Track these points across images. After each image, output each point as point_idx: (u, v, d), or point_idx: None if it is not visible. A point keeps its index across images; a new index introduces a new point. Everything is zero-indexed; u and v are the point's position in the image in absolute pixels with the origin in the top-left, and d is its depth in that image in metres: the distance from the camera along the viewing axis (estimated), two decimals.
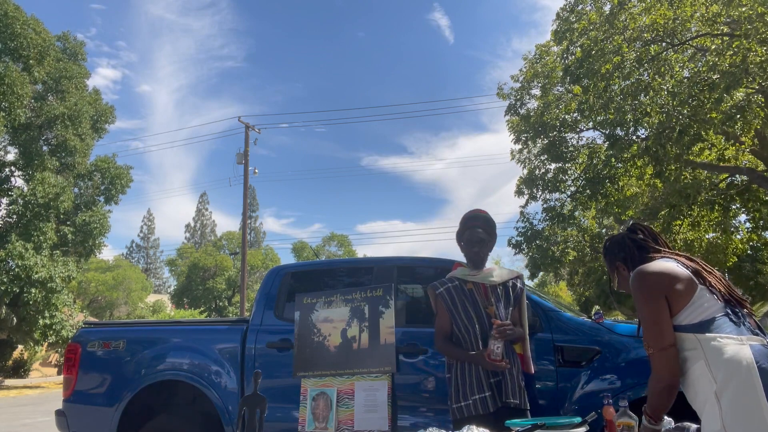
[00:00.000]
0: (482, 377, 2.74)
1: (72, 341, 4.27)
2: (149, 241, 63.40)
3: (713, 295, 1.80)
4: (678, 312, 1.79)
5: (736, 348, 1.68)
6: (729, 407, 1.61)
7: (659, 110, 11.06)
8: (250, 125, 24.34)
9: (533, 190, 16.75)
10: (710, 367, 1.69)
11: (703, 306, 1.77)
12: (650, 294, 1.83)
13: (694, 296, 1.78)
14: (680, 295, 1.79)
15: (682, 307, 1.78)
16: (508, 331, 2.68)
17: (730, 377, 1.63)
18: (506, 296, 2.91)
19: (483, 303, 2.87)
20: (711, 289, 1.81)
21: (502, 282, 2.94)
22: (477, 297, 2.89)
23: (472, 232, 2.97)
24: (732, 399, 1.61)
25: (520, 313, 2.96)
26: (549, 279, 36.55)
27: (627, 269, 2.11)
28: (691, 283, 1.80)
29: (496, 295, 2.90)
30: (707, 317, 1.75)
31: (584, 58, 11.63)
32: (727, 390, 1.62)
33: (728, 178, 14.11)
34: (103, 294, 34.72)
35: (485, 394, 2.73)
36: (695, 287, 1.79)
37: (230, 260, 38.55)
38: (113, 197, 20.19)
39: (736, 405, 1.60)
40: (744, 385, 1.61)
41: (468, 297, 2.90)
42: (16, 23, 17.44)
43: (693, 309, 1.77)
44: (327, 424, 3.10)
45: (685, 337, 1.76)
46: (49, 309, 17.55)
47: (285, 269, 4.19)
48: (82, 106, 18.86)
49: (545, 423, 2.13)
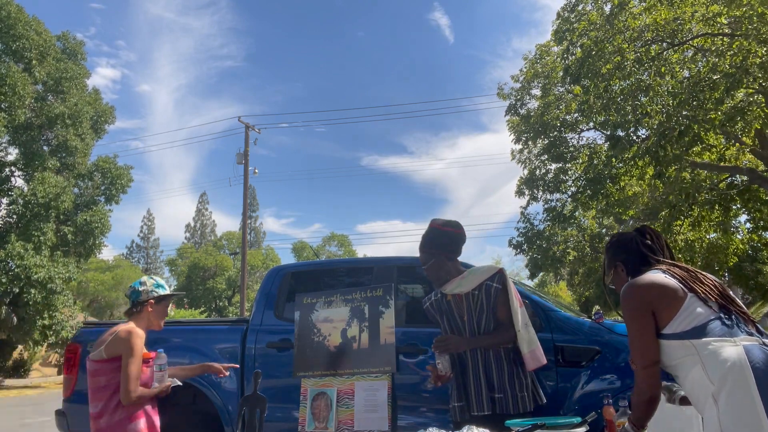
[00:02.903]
0: (482, 383, 2.74)
1: (72, 341, 4.27)
2: (149, 241, 63.41)
3: (704, 301, 1.83)
4: (668, 322, 1.83)
5: (730, 349, 1.71)
6: (725, 407, 1.63)
7: (659, 111, 11.07)
8: (250, 125, 24.35)
9: (534, 190, 16.76)
10: (706, 370, 1.72)
11: (694, 313, 1.80)
12: (636, 311, 1.88)
13: (683, 305, 1.82)
14: (668, 306, 1.84)
15: (671, 317, 1.82)
16: (444, 344, 2.75)
17: (725, 378, 1.66)
18: (485, 299, 2.82)
19: (459, 313, 2.87)
20: (701, 296, 1.84)
21: (477, 286, 2.84)
22: (454, 307, 2.89)
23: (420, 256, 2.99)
24: (727, 399, 1.63)
25: (506, 310, 2.79)
26: (549, 279, 36.56)
27: (624, 271, 2.12)
28: (679, 293, 1.84)
29: (468, 302, 2.84)
30: (699, 323, 1.79)
31: (584, 58, 11.63)
32: (723, 390, 1.65)
33: (728, 178, 14.11)
34: (103, 294, 34.75)
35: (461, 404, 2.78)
36: (684, 296, 1.83)
37: (230, 260, 38.59)
38: (113, 197, 20.19)
39: (731, 405, 1.63)
40: (738, 385, 1.64)
41: (446, 309, 2.92)
42: (19, 24, 17.46)
43: (684, 317, 1.81)
44: (327, 424, 3.10)
45: (680, 344, 1.79)
46: (49, 309, 17.54)
47: (285, 269, 4.19)
48: (82, 106, 18.88)
49: (545, 423, 2.13)
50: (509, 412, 2.67)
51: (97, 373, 2.61)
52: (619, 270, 2.15)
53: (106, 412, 2.56)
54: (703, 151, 12.50)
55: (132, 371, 2.54)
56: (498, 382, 2.73)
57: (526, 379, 2.77)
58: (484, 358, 2.77)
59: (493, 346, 2.78)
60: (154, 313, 2.79)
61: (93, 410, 2.60)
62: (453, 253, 2.93)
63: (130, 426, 2.57)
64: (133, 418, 2.58)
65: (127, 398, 2.53)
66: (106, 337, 2.67)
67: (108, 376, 2.58)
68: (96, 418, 2.58)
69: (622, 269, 2.14)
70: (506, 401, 2.70)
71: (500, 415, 2.62)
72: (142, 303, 2.76)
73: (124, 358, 2.56)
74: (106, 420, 2.56)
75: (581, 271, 23.10)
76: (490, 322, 2.80)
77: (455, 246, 2.93)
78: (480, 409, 2.70)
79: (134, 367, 2.56)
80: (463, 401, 2.79)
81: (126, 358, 2.55)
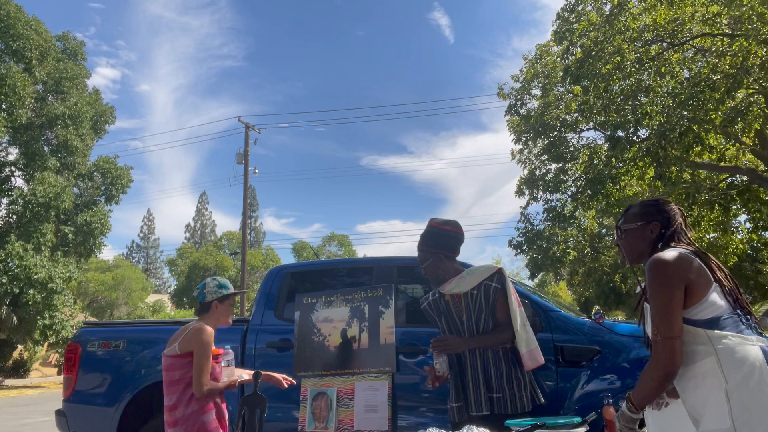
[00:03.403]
0: (480, 383, 2.74)
1: (72, 341, 4.27)
2: (149, 241, 63.43)
3: (725, 295, 1.79)
4: (692, 305, 1.77)
5: (749, 348, 1.68)
6: (740, 407, 1.61)
7: (660, 111, 11.07)
8: (250, 125, 24.35)
9: (534, 190, 16.75)
10: (721, 364, 1.68)
11: (716, 303, 1.76)
12: (673, 279, 1.76)
13: (708, 291, 1.76)
14: (698, 291, 1.76)
15: (696, 303, 1.76)
16: (442, 345, 2.75)
17: (744, 378, 1.63)
18: (484, 299, 2.81)
19: (457, 313, 2.87)
20: (726, 289, 1.80)
21: (476, 286, 2.83)
22: (452, 307, 2.88)
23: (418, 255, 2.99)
24: (744, 399, 1.61)
25: (505, 310, 2.79)
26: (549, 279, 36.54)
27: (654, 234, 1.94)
28: (709, 280, 1.79)
29: (467, 302, 2.84)
30: (717, 315, 1.75)
31: (584, 58, 11.63)
32: (739, 390, 1.63)
33: (728, 178, 14.11)
34: (103, 294, 34.73)
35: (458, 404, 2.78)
36: (711, 283, 1.78)
37: (230, 260, 38.57)
38: (113, 197, 20.20)
39: (747, 405, 1.61)
40: (757, 387, 1.61)
41: (444, 309, 2.91)
42: (18, 24, 17.47)
43: (707, 306, 1.76)
44: (327, 424, 3.10)
45: (696, 331, 1.75)
46: (49, 309, 17.55)
47: (285, 269, 4.18)
48: (82, 107, 18.89)
49: (545, 423, 2.13)
50: (507, 412, 2.66)
51: (171, 368, 2.81)
52: (651, 229, 1.95)
53: (180, 404, 2.75)
54: (703, 152, 12.50)
55: (203, 366, 2.74)
56: (496, 382, 2.72)
57: (525, 379, 2.76)
58: (482, 358, 2.77)
59: (492, 346, 2.77)
60: (220, 312, 2.98)
61: (168, 402, 2.79)
62: (451, 252, 2.92)
63: (201, 417, 2.75)
64: (204, 411, 2.76)
65: (199, 391, 2.72)
66: (179, 334, 2.86)
67: (181, 370, 2.78)
68: (170, 410, 2.77)
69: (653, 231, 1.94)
70: (504, 401, 2.69)
71: (499, 415, 2.62)
72: (209, 303, 2.96)
73: (196, 354, 2.76)
74: (180, 411, 2.75)
75: (581, 271, 23.09)
76: (488, 322, 2.79)
77: (454, 245, 2.92)
78: (479, 409, 2.70)
79: (205, 362, 2.76)
80: (461, 401, 2.78)
81: (197, 353, 2.75)
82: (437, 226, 2.93)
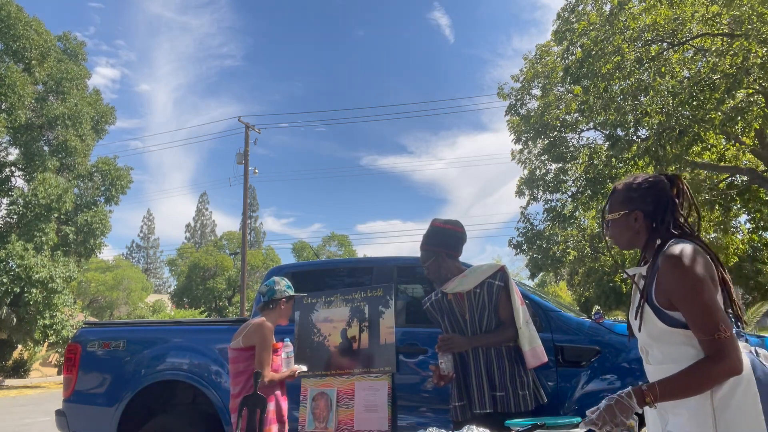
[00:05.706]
0: (483, 381, 2.74)
1: (72, 341, 4.27)
2: (149, 241, 63.45)
3: (723, 298, 1.70)
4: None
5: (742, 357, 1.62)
6: (724, 414, 1.56)
7: (659, 110, 11.07)
8: (250, 125, 24.34)
9: (534, 190, 16.75)
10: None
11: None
12: (707, 275, 1.62)
13: (717, 292, 1.66)
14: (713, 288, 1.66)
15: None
16: (448, 344, 2.76)
17: (733, 385, 1.57)
18: (487, 297, 2.82)
19: (460, 312, 2.87)
20: (728, 293, 1.71)
21: (478, 285, 2.84)
22: (455, 306, 2.89)
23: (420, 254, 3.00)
24: (729, 407, 1.57)
25: (508, 308, 2.80)
26: (549, 279, 36.56)
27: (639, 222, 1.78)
28: (716, 278, 1.68)
29: (470, 301, 2.84)
30: None
31: (584, 58, 11.64)
32: (726, 397, 1.57)
33: (728, 179, 14.12)
34: (104, 294, 34.74)
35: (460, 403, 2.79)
36: (718, 284, 1.68)
37: (230, 260, 38.56)
38: (113, 197, 20.21)
39: (733, 413, 1.56)
40: (744, 395, 1.58)
41: (447, 308, 2.92)
42: (19, 24, 17.47)
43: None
44: (327, 424, 3.11)
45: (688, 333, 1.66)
46: (49, 309, 17.56)
47: (285, 269, 4.19)
48: (82, 107, 18.89)
49: (545, 423, 2.12)
50: (510, 410, 2.66)
51: (235, 360, 3.04)
52: (635, 217, 1.78)
53: (244, 393, 2.96)
54: (703, 151, 12.50)
55: (264, 358, 2.98)
56: (499, 381, 2.73)
57: (528, 378, 2.76)
58: (485, 356, 2.78)
59: (496, 344, 2.78)
60: (284, 311, 3.19)
61: (233, 391, 3.04)
62: (453, 251, 2.93)
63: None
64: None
65: (261, 381, 2.93)
66: (243, 329, 3.07)
67: (245, 362, 3.01)
68: (235, 398, 3.00)
69: (637, 219, 1.78)
70: (507, 399, 2.70)
71: (501, 414, 2.62)
72: (276, 301, 3.15)
73: (258, 348, 2.98)
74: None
75: (581, 271, 23.10)
76: (491, 320, 2.80)
77: (455, 244, 2.93)
78: (482, 407, 2.71)
79: (266, 354, 2.99)
80: (464, 401, 2.79)
81: (259, 347, 2.98)
82: (439, 225, 2.95)
